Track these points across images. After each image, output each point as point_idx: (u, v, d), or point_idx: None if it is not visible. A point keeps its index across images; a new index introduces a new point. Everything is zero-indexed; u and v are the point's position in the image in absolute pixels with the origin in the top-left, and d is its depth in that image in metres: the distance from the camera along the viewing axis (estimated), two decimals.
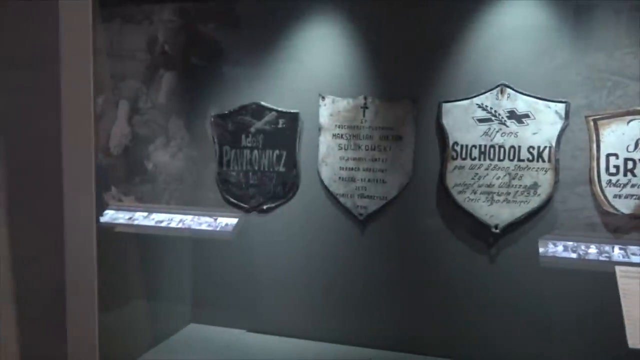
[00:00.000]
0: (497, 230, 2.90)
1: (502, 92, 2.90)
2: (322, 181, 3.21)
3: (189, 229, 3.13)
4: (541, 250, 2.62)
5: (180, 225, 3.11)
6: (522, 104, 2.87)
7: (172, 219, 3.14)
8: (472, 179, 2.93)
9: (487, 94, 2.92)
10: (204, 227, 3.18)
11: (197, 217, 3.15)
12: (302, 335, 3.27)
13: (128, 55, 3.44)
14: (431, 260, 3.07)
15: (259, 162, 3.30)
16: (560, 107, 2.81)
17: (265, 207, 3.31)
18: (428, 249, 3.07)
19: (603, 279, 2.32)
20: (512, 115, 2.88)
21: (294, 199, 3.27)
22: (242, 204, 3.36)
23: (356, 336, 3.19)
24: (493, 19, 2.95)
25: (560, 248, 2.64)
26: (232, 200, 3.38)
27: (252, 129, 3.30)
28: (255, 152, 3.30)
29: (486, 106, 2.92)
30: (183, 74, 3.49)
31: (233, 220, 3.18)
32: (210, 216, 3.22)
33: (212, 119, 3.38)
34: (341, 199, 3.16)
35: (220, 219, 3.18)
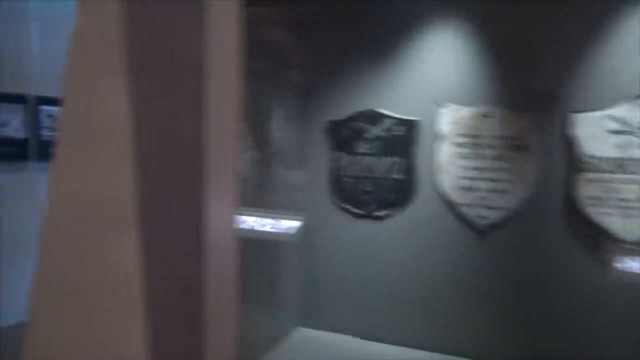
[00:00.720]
0: (631, 245, 2.81)
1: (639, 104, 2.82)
2: (440, 190, 3.18)
3: (253, 231, 3.15)
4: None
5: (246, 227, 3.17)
6: None
7: (245, 221, 3.17)
8: (604, 192, 2.85)
9: (621, 105, 2.84)
10: (267, 228, 3.21)
11: (260, 219, 3.20)
12: (414, 345, 3.24)
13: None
14: (556, 273, 3.00)
15: (374, 168, 3.29)
16: None
17: (379, 213, 3.30)
18: (553, 262, 3.00)
19: None
20: None
21: (409, 207, 3.25)
22: (354, 210, 3.36)
23: (471, 347, 3.13)
24: (627, 28, 2.87)
25: None
26: (343, 205, 3.38)
27: (368, 136, 3.30)
28: (371, 158, 3.30)
29: (621, 118, 2.85)
30: (296, 81, 3.52)
31: (295, 224, 3.20)
32: (273, 218, 3.23)
33: (326, 125, 3.40)
34: (461, 209, 3.13)
35: (282, 222, 3.21)
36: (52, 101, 4.30)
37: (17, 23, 3.95)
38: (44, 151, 4.26)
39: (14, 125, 4.14)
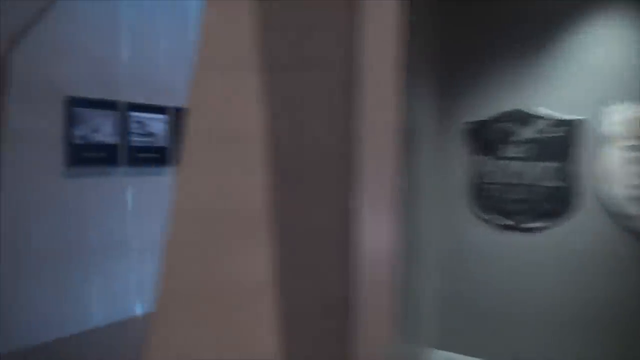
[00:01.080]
0: None
1: None
2: (606, 199, 2.78)
3: None
4: None
5: None
6: None
7: None
8: None
9: None
10: None
11: None
12: None
13: None
14: None
15: (524, 174, 2.94)
16: None
17: (530, 225, 2.92)
18: None
19: None
20: None
21: (567, 219, 2.86)
22: (500, 221, 2.99)
23: None
24: None
25: None
26: (485, 215, 3.03)
27: (517, 138, 2.96)
28: (520, 163, 2.95)
29: None
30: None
31: None
32: None
33: (466, 126, 3.08)
34: (636, 222, 2.71)
35: None
36: (141, 107, 4.28)
37: (108, 30, 3.97)
38: (133, 156, 4.23)
39: (105, 131, 4.09)
